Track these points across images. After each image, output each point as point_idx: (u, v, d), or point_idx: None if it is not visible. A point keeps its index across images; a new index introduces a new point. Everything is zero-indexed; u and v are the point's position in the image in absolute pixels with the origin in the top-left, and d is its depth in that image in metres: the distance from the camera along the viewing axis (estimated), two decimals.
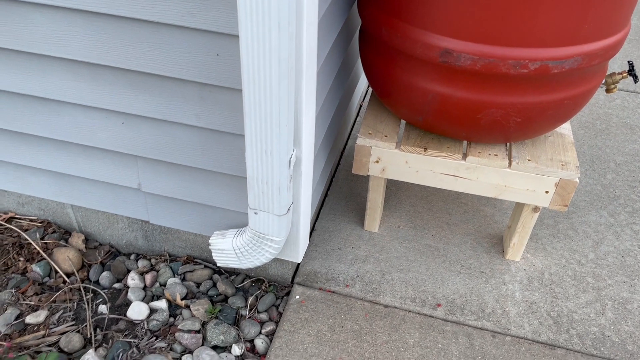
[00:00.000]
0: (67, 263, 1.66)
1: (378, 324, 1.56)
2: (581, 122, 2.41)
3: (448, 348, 1.50)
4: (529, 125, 1.41)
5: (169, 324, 1.54)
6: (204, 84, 1.26)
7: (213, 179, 1.45)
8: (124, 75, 1.29)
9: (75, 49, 1.27)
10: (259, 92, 1.12)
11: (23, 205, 1.78)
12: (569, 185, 1.49)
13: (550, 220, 1.91)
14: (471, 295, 1.64)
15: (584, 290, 1.67)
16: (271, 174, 1.27)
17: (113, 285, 1.65)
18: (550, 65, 1.28)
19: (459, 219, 1.90)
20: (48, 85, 1.36)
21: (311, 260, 1.73)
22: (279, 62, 1.07)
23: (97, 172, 1.53)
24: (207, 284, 1.66)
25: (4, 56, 1.34)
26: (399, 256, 1.76)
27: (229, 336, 1.51)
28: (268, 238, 1.40)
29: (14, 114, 1.46)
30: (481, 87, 1.32)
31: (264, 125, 1.18)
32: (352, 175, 2.08)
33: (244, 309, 1.61)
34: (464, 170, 1.54)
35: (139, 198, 1.57)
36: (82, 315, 1.55)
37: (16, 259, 1.67)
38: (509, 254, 1.73)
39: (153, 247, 1.75)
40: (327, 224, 1.87)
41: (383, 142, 1.56)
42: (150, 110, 1.34)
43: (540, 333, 1.54)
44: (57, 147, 1.51)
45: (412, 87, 1.41)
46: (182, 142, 1.39)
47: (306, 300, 1.61)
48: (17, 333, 1.49)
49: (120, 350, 1.46)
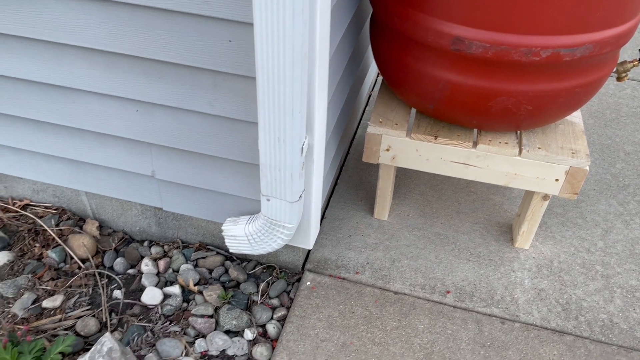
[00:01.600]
0: (82, 249, 1.68)
1: (388, 310, 1.58)
2: (591, 112, 2.40)
3: (457, 334, 1.52)
4: (540, 113, 1.41)
5: (182, 309, 1.57)
6: (218, 72, 1.28)
7: (226, 167, 1.47)
8: (138, 63, 1.31)
9: (90, 37, 1.28)
10: (272, 79, 1.14)
11: (38, 193, 1.81)
12: (579, 173, 1.50)
13: (560, 209, 1.91)
14: (480, 282, 1.66)
15: (592, 278, 1.68)
16: (284, 161, 1.28)
17: (127, 271, 1.68)
18: (562, 52, 1.28)
19: (468, 207, 1.91)
20: (63, 73, 1.38)
21: (321, 248, 1.75)
22: (293, 49, 1.08)
23: (112, 159, 1.55)
24: (219, 270, 1.68)
25: (20, 44, 1.36)
26: (409, 244, 1.78)
27: (241, 321, 1.54)
28: (280, 224, 1.42)
29: (30, 101, 1.48)
30: (492, 75, 1.33)
31: (277, 112, 1.19)
32: (361, 163, 2.09)
33: (255, 294, 1.63)
34: (474, 158, 1.55)
35: (152, 185, 1.59)
36: (97, 300, 1.58)
37: (32, 245, 1.70)
38: (518, 242, 1.74)
39: (166, 234, 1.77)
40: (337, 212, 1.89)
41: (394, 130, 1.57)
42: (164, 98, 1.36)
43: (549, 320, 1.56)
44: (72, 135, 1.54)
45: (423, 75, 1.42)
46: (195, 129, 1.40)
47: (317, 287, 1.64)
48: (34, 317, 1.52)
49: (136, 334, 1.49)
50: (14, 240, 1.72)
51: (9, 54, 1.39)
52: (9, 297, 1.57)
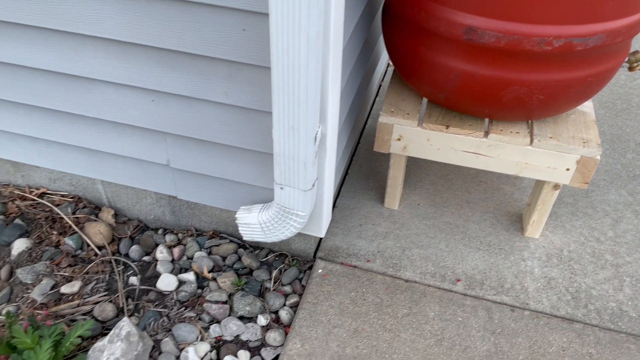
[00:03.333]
0: (98, 237, 1.72)
1: (399, 297, 1.60)
2: (602, 102, 2.40)
3: (468, 321, 1.54)
4: (551, 103, 1.42)
5: (197, 295, 1.60)
6: (233, 62, 1.29)
7: (240, 156, 1.49)
8: (154, 53, 1.33)
9: (107, 27, 1.30)
10: (287, 69, 1.15)
11: (54, 181, 1.84)
12: (590, 162, 1.51)
13: (570, 199, 1.92)
14: (490, 271, 1.67)
15: (602, 267, 1.69)
16: (297, 150, 1.30)
17: (142, 258, 1.71)
18: (575, 42, 1.29)
19: (478, 197, 1.93)
20: (81, 63, 1.40)
21: (333, 236, 1.78)
22: (308, 39, 1.10)
23: (127, 148, 1.58)
24: (232, 258, 1.71)
25: (38, 35, 1.38)
26: (419, 233, 1.80)
27: (255, 307, 1.57)
28: (293, 212, 1.44)
29: (48, 91, 1.51)
30: (505, 65, 1.34)
31: (291, 102, 1.21)
32: (371, 153, 2.11)
33: (268, 281, 1.66)
34: (485, 147, 1.56)
35: (167, 174, 1.62)
36: (114, 286, 1.62)
37: (49, 233, 1.74)
38: (528, 232, 1.76)
39: (180, 222, 1.80)
40: (348, 202, 1.91)
41: (405, 119, 1.59)
42: (180, 88, 1.38)
43: (558, 308, 1.57)
44: (88, 124, 1.56)
45: (435, 64, 1.43)
46: (210, 119, 1.43)
47: (328, 274, 1.66)
48: (52, 302, 1.56)
49: (152, 319, 1.52)
50: (32, 227, 1.76)
51: (27, 45, 1.41)
52: (27, 283, 1.60)
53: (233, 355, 1.47)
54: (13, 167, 1.86)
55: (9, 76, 1.51)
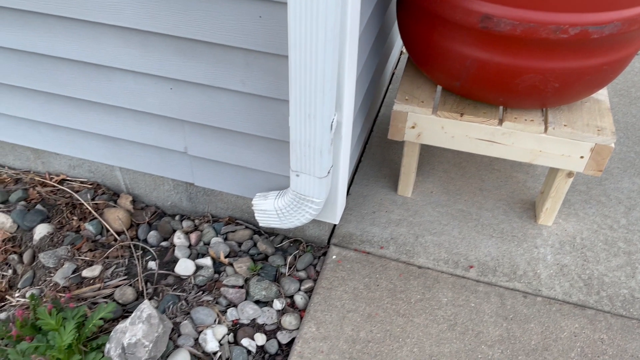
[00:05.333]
0: (117, 222, 1.76)
1: (412, 283, 1.62)
2: (616, 90, 2.39)
3: (480, 307, 1.56)
4: (566, 91, 1.43)
5: (214, 280, 1.64)
6: (250, 50, 1.31)
7: (256, 143, 1.52)
8: (173, 42, 1.35)
9: (127, 16, 1.33)
10: (305, 57, 1.17)
11: (74, 168, 1.88)
12: (605, 150, 1.51)
13: (583, 187, 1.93)
14: (503, 257, 1.69)
15: (615, 255, 1.70)
16: (314, 137, 1.32)
17: (160, 244, 1.75)
18: (590, 30, 1.29)
19: (491, 185, 1.94)
20: (101, 52, 1.43)
21: (346, 223, 1.80)
22: (326, 28, 1.11)
23: (146, 135, 1.61)
24: (248, 244, 1.74)
25: (60, 24, 1.41)
26: (432, 220, 1.81)
27: (271, 292, 1.60)
28: (309, 199, 1.46)
29: (68, 80, 1.54)
30: (520, 53, 1.34)
31: (308, 89, 1.23)
32: (384, 141, 2.13)
33: (283, 267, 1.69)
34: (499, 135, 1.57)
35: (184, 161, 1.65)
36: (133, 270, 1.66)
37: (70, 218, 1.78)
38: (541, 219, 1.77)
39: (196, 209, 1.83)
40: (361, 189, 1.93)
41: (419, 107, 1.60)
42: (198, 76, 1.40)
43: (571, 294, 1.59)
44: (108, 112, 1.59)
45: (450, 52, 1.44)
46: (227, 107, 1.45)
47: (342, 260, 1.69)
48: (74, 285, 1.60)
49: (171, 302, 1.56)
50: (53, 213, 1.80)
51: (49, 34, 1.44)
52: (50, 267, 1.65)
53: (250, 338, 1.50)
54: (34, 154, 1.90)
55: (31, 65, 1.54)
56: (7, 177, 1.94)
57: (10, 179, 1.93)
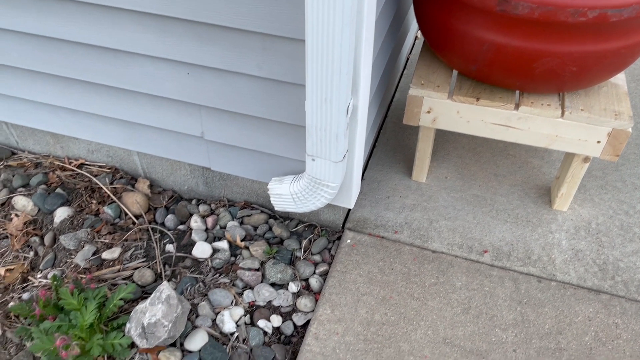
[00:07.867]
0: (135, 206, 1.79)
1: (426, 267, 1.64)
2: (633, 75, 2.36)
3: (494, 291, 1.57)
4: (584, 75, 1.42)
5: (230, 263, 1.66)
6: (267, 35, 1.32)
7: (272, 128, 1.53)
8: (191, 27, 1.36)
9: (146, 1, 1.34)
10: (322, 41, 1.18)
11: (93, 153, 1.91)
12: (622, 135, 1.50)
13: (599, 172, 1.92)
14: (518, 242, 1.70)
15: (630, 240, 1.70)
16: (330, 121, 1.33)
17: (177, 227, 1.78)
18: (609, 13, 1.27)
19: (506, 170, 1.94)
20: (119, 37, 1.45)
21: (361, 208, 1.81)
22: (343, 12, 1.12)
23: (163, 120, 1.63)
24: (263, 228, 1.76)
25: (79, 9, 1.43)
26: (447, 205, 1.82)
27: (286, 275, 1.62)
28: (324, 184, 1.48)
29: (88, 65, 1.56)
30: (538, 36, 1.33)
31: (325, 73, 1.23)
32: (399, 127, 2.13)
33: (298, 250, 1.71)
34: (515, 120, 1.57)
35: (201, 146, 1.67)
36: (152, 253, 1.69)
37: (89, 202, 1.81)
38: (557, 204, 1.77)
39: (213, 193, 1.86)
40: (376, 174, 1.93)
41: (435, 92, 1.60)
42: (215, 61, 1.41)
43: (585, 279, 1.59)
44: (126, 97, 1.61)
45: (467, 36, 1.43)
46: (244, 91, 1.46)
47: (357, 244, 1.70)
48: (95, 267, 1.64)
49: (189, 284, 1.59)
50: (72, 197, 1.84)
51: (68, 19, 1.46)
52: (70, 249, 1.68)
53: (266, 320, 1.53)
54: (53, 139, 1.93)
55: (51, 50, 1.56)
56: (27, 161, 1.97)
57: (30, 163, 1.96)
